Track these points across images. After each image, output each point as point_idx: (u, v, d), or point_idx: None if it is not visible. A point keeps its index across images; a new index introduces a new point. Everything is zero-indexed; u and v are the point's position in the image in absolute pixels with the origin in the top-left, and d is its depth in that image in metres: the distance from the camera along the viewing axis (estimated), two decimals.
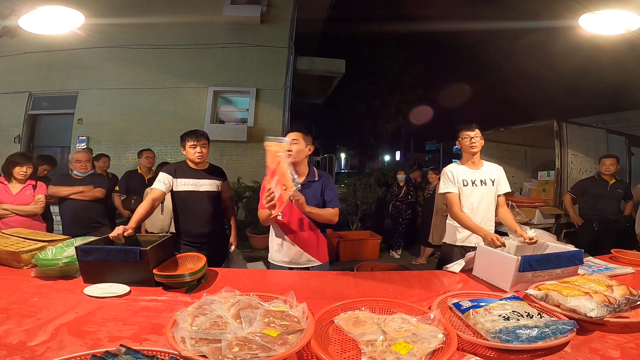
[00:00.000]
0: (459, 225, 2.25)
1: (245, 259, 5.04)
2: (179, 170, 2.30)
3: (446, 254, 2.35)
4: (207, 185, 2.33)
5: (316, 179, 2.05)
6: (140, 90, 7.22)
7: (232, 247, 2.49)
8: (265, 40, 7.42)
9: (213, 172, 2.41)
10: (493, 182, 2.27)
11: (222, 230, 2.52)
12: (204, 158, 2.32)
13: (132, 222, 1.91)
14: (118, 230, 1.74)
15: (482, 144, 2.29)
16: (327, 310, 1.14)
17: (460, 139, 2.31)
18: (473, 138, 2.24)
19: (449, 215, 2.34)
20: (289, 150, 1.87)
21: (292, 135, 1.95)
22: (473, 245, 2.18)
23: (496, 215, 2.29)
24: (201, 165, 2.36)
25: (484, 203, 2.24)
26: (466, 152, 2.31)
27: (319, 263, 2.05)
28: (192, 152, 2.27)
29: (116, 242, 1.73)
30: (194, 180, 2.29)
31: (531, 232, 1.89)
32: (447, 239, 2.38)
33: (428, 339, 0.95)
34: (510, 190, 2.35)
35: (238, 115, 7.49)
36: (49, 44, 6.61)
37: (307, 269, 2.04)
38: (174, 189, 2.26)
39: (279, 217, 1.94)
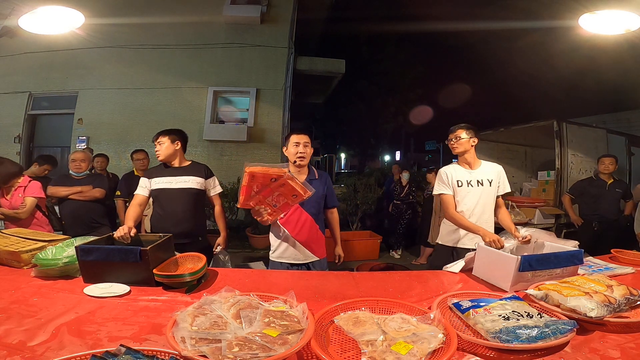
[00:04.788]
0: (452, 226, 2.23)
1: (245, 259, 5.00)
2: (155, 171, 2.31)
3: (439, 255, 2.34)
4: (182, 182, 2.26)
5: (316, 177, 2.15)
6: (140, 90, 7.23)
7: (219, 248, 2.36)
8: (265, 40, 7.42)
9: (193, 169, 2.34)
10: (491, 183, 2.22)
11: (201, 229, 2.39)
12: (168, 155, 2.28)
13: (131, 222, 1.90)
14: (124, 229, 1.73)
15: (472, 144, 2.24)
16: (327, 310, 1.14)
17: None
18: (452, 139, 2.24)
19: (444, 217, 2.32)
20: (300, 153, 2.06)
21: (305, 138, 2.08)
22: (467, 247, 2.17)
23: (495, 217, 2.27)
24: (178, 162, 2.33)
25: (480, 204, 2.20)
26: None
27: (317, 259, 2.12)
28: (156, 151, 2.28)
29: (117, 242, 1.73)
30: (168, 178, 2.26)
31: (523, 231, 1.88)
32: (440, 240, 2.36)
33: (428, 339, 0.95)
34: (510, 190, 2.33)
35: (238, 115, 7.49)
36: (49, 44, 6.62)
37: (308, 265, 2.10)
38: (151, 189, 2.25)
39: (281, 215, 2.03)
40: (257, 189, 1.73)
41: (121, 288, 1.40)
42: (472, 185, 2.22)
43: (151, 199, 2.33)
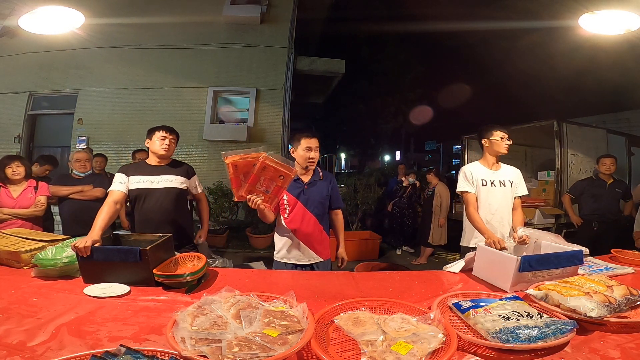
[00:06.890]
0: None
1: (245, 259, 5.00)
2: (133, 168, 2.18)
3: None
4: (165, 181, 2.15)
5: (321, 178, 2.14)
6: (140, 90, 7.22)
7: (200, 240, 2.32)
8: (265, 40, 7.42)
9: (176, 167, 2.24)
10: (512, 184, 2.28)
11: (185, 230, 2.25)
12: (171, 153, 2.20)
13: (98, 231, 1.68)
14: (86, 241, 1.50)
15: None
16: (327, 310, 1.14)
17: (489, 138, 2.27)
18: (505, 139, 2.23)
19: (465, 217, 2.32)
20: (311, 159, 2.08)
21: (316, 143, 2.10)
22: None
23: None
24: (164, 161, 2.21)
25: (503, 205, 2.25)
26: (493, 153, 2.28)
27: (321, 259, 2.12)
28: (160, 144, 2.13)
29: (117, 242, 1.73)
30: (150, 176, 2.13)
31: (521, 231, 1.89)
32: (464, 242, 2.37)
33: (428, 339, 0.95)
34: (527, 193, 2.35)
35: (238, 115, 7.49)
36: (49, 44, 6.61)
37: (312, 266, 2.09)
38: (129, 188, 2.11)
39: (285, 215, 2.04)
40: (243, 177, 1.65)
41: (121, 288, 1.41)
42: (495, 185, 2.26)
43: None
